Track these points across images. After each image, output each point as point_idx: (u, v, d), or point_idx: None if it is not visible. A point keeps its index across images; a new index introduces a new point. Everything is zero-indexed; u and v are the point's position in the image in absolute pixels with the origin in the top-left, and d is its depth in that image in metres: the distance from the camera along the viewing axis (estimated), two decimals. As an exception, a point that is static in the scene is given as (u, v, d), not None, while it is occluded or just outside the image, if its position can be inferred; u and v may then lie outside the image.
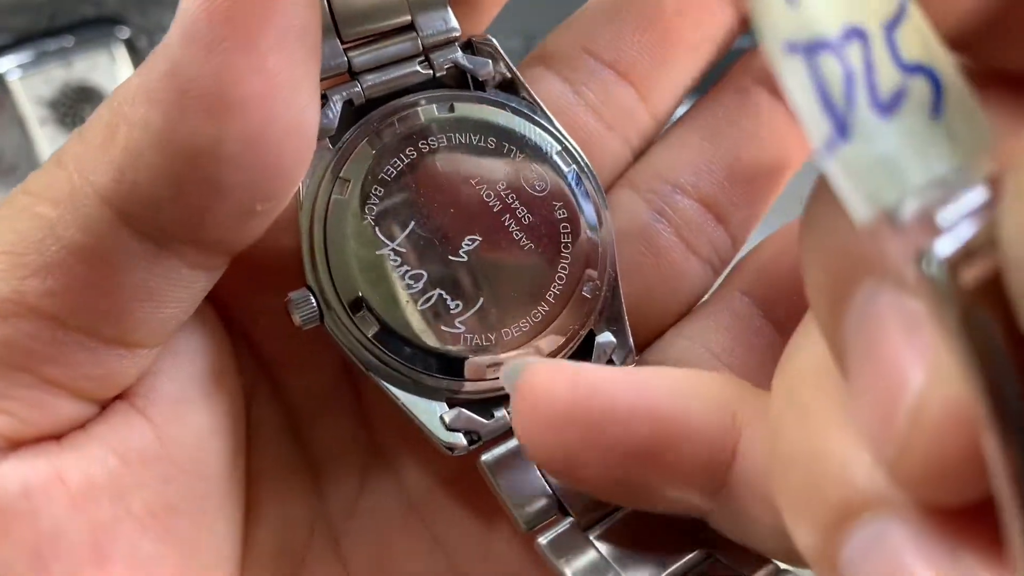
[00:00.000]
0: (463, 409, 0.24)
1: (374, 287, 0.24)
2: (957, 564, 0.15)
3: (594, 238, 0.25)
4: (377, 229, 0.24)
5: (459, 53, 0.25)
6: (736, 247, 0.28)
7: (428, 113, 0.25)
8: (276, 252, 0.24)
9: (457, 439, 0.24)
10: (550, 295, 0.25)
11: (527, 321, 0.25)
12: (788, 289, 0.27)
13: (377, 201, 0.24)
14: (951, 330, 0.13)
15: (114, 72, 0.67)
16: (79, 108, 0.67)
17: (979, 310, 0.13)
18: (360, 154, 0.24)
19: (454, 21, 0.25)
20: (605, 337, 0.26)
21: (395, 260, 0.24)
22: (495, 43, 0.26)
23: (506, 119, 0.25)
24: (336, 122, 0.24)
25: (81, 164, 0.20)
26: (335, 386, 0.27)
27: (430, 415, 0.24)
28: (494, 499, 0.24)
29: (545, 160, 0.25)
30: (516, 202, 0.25)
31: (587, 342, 0.26)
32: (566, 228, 0.25)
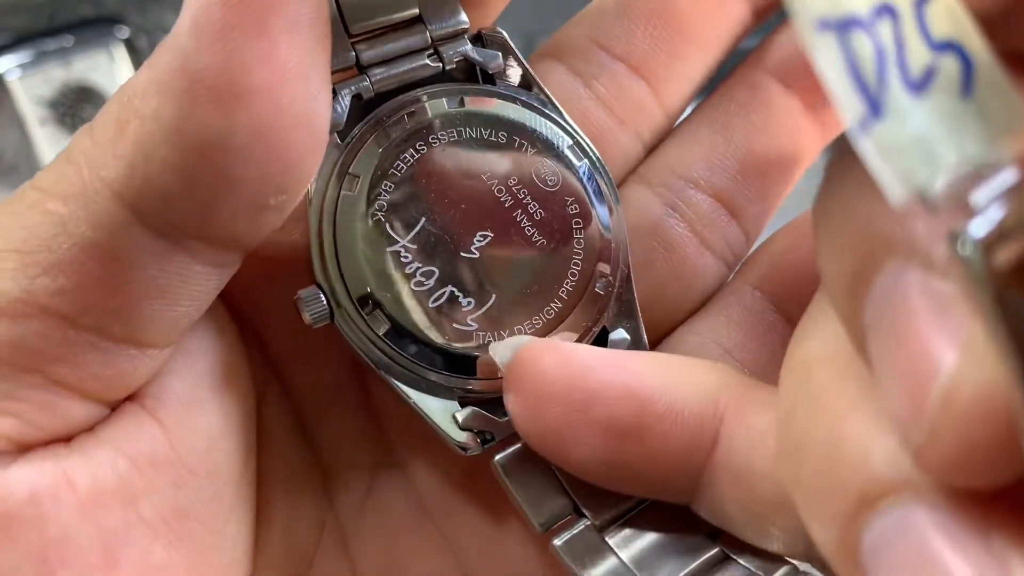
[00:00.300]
0: (476, 408, 0.24)
1: (384, 285, 0.23)
2: (988, 548, 0.14)
3: (607, 234, 0.25)
4: (387, 226, 0.23)
5: (468, 46, 0.25)
6: (749, 242, 0.28)
7: (437, 107, 0.24)
8: (286, 247, 0.24)
9: (470, 439, 0.24)
10: (563, 291, 0.24)
11: (539, 318, 0.24)
12: (801, 283, 0.26)
13: (386, 197, 0.24)
14: (985, 312, 0.13)
15: (114, 72, 0.67)
16: (79, 108, 0.67)
17: (1013, 291, 0.13)
18: (369, 149, 0.24)
19: (463, 14, 0.25)
20: (619, 334, 0.25)
21: (405, 257, 0.23)
22: (505, 36, 0.25)
23: (517, 113, 0.25)
24: (345, 117, 0.24)
25: (92, 159, 0.20)
26: (344, 384, 0.26)
27: (442, 414, 0.24)
28: (505, 499, 0.24)
29: (557, 154, 0.25)
30: (527, 197, 0.24)
31: (600, 339, 0.25)
32: (578, 223, 0.25)
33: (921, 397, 0.14)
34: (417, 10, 0.24)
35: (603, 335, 0.25)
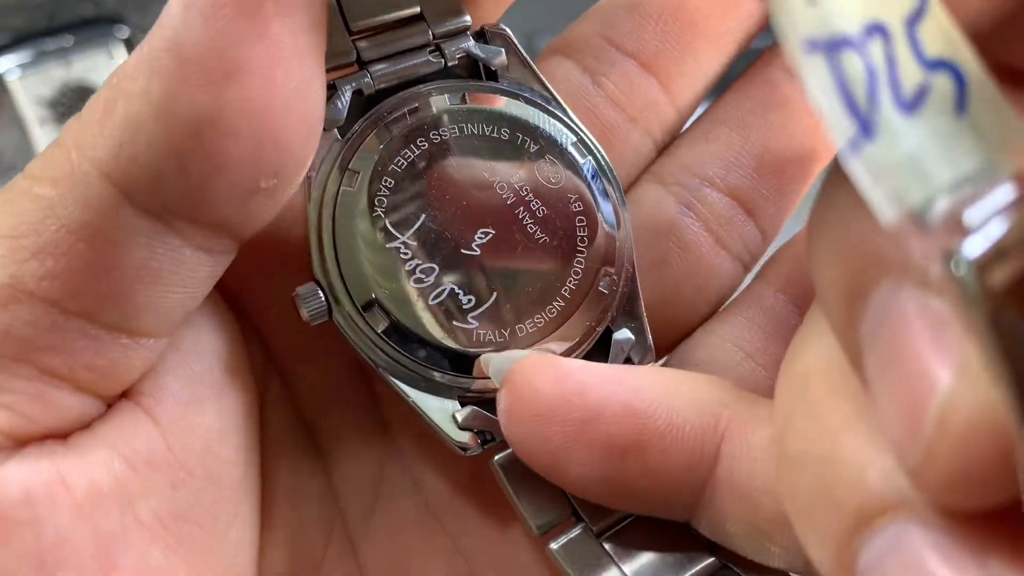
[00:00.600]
0: (476, 407, 0.24)
1: (383, 282, 0.23)
2: (984, 569, 0.14)
3: (611, 232, 0.25)
4: (387, 222, 0.23)
5: (471, 42, 0.25)
6: (767, 241, 0.27)
7: (439, 103, 0.24)
8: (287, 241, 0.24)
9: (470, 438, 0.23)
10: (566, 290, 0.24)
11: (542, 317, 0.24)
12: None
13: (387, 193, 0.23)
14: (980, 333, 0.13)
15: (113, 72, 0.67)
16: (78, 108, 0.66)
17: (1009, 311, 0.13)
18: (369, 145, 0.23)
19: (465, 12, 0.24)
20: (623, 334, 0.25)
21: (405, 254, 0.23)
22: (508, 32, 0.25)
23: (520, 109, 0.24)
24: (345, 113, 0.23)
25: (80, 141, 0.19)
26: (347, 382, 0.26)
27: (442, 414, 0.24)
28: None
29: (560, 152, 0.24)
30: (530, 195, 0.24)
31: (604, 339, 0.25)
32: (582, 222, 0.24)
33: (917, 417, 0.14)
34: (418, 8, 0.24)
35: (607, 335, 0.25)
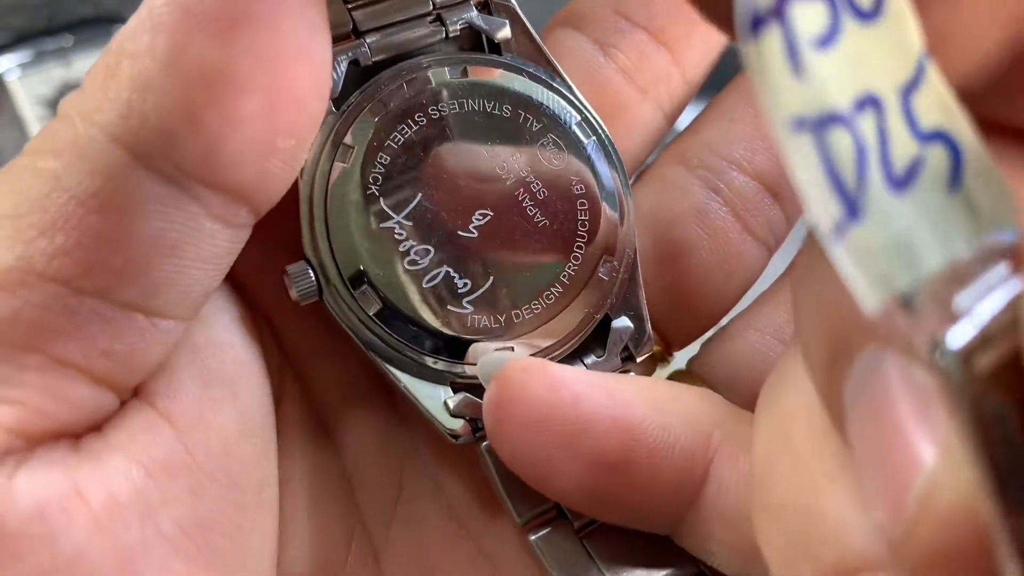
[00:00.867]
0: (468, 394, 0.23)
1: (377, 262, 0.22)
2: None
3: (613, 216, 0.24)
4: (381, 200, 0.22)
5: (474, 12, 0.24)
6: (790, 225, 0.26)
7: (439, 76, 0.23)
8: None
9: (462, 426, 0.22)
10: (564, 276, 0.23)
11: (539, 304, 0.23)
12: None
13: (382, 170, 0.22)
14: (962, 421, 0.12)
15: (113, 72, 0.66)
16: (77, 108, 0.66)
17: (991, 396, 0.12)
18: (365, 119, 0.22)
19: None
20: (622, 322, 0.24)
21: (400, 234, 0.22)
22: (513, 3, 0.24)
23: (523, 85, 0.23)
24: (340, 84, 0.22)
25: (83, 108, 0.18)
26: (366, 379, 0.25)
27: (433, 400, 0.23)
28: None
29: (563, 131, 0.24)
30: (530, 175, 0.23)
31: (602, 327, 0.24)
32: (583, 205, 0.23)
33: (899, 492, 0.14)
34: None
35: (606, 323, 0.24)
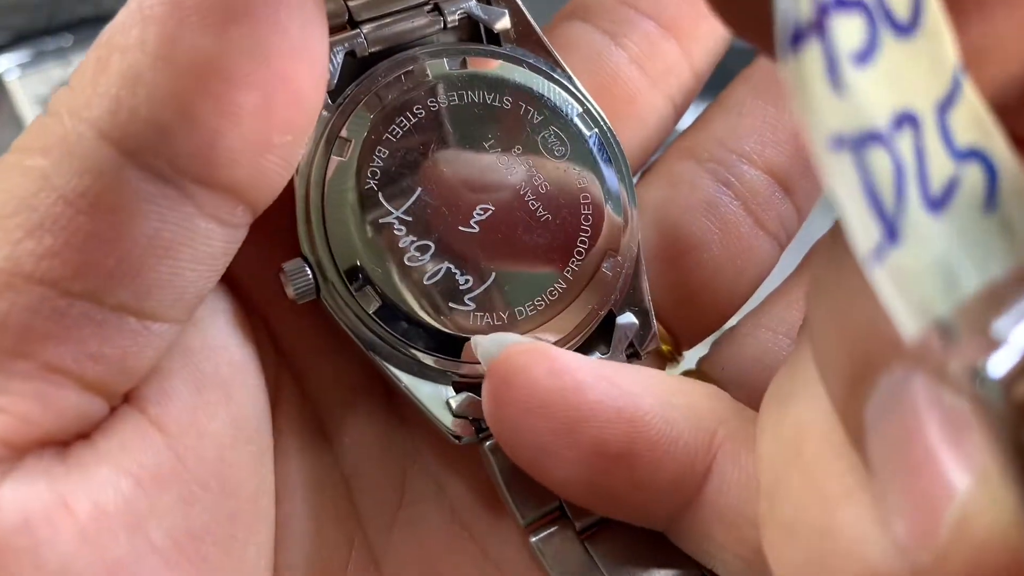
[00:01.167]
0: (472, 394, 0.22)
1: (376, 259, 0.21)
2: None
3: (617, 210, 0.23)
4: (380, 195, 0.22)
5: (472, 2, 0.23)
6: (801, 219, 0.26)
7: (437, 68, 0.22)
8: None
9: (464, 426, 0.22)
10: (568, 271, 0.23)
11: (542, 300, 0.22)
12: None
13: (380, 164, 0.22)
14: (1003, 450, 0.12)
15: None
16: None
17: None
18: (362, 112, 0.22)
19: None
20: (626, 318, 0.23)
21: (399, 230, 0.22)
22: None
23: (523, 76, 0.23)
24: (336, 76, 0.22)
25: (72, 104, 0.18)
26: (364, 380, 0.24)
27: (435, 400, 0.22)
28: None
29: (565, 123, 0.23)
30: (532, 168, 0.23)
31: (607, 323, 0.23)
32: (586, 198, 0.23)
33: (930, 517, 0.13)
34: None
35: (610, 319, 0.23)
